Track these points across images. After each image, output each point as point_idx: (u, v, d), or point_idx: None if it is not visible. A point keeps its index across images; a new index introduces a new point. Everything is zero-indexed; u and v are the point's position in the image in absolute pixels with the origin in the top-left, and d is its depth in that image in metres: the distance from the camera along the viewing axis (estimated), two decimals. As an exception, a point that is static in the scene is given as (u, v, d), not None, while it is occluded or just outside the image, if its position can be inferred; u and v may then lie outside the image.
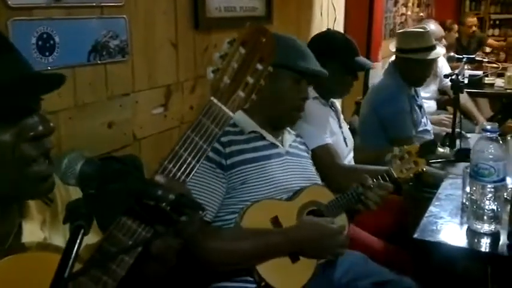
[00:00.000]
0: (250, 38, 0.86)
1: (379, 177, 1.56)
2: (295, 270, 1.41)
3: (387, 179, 1.56)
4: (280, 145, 1.55)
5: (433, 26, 3.60)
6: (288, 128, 1.63)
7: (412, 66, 2.64)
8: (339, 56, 2.05)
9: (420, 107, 2.81)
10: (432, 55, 2.63)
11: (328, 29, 2.40)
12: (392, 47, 2.82)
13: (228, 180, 1.40)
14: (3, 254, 0.75)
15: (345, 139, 2.19)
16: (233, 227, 1.39)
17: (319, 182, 1.64)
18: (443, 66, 3.83)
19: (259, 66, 0.87)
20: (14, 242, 0.81)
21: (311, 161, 1.70)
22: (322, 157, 1.86)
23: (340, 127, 2.20)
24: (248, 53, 0.86)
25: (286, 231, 1.41)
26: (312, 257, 1.43)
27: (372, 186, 1.50)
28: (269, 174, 1.46)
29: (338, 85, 2.09)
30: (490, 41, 5.96)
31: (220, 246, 1.35)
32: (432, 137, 2.89)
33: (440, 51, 2.73)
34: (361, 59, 2.14)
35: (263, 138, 1.51)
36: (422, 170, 1.60)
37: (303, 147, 1.69)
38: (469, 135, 2.67)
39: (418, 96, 2.86)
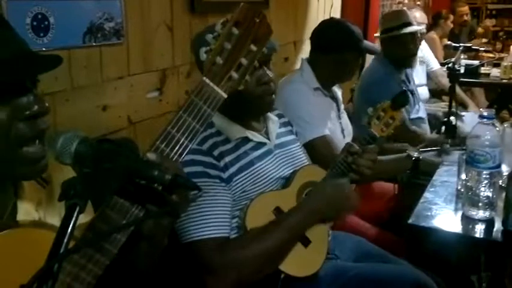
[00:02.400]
0: (243, 19, 0.85)
1: (364, 141, 1.57)
2: (309, 254, 1.40)
3: (371, 141, 1.57)
4: (268, 140, 1.50)
5: (417, 14, 3.61)
6: (270, 115, 1.57)
7: (392, 45, 2.70)
8: (357, 44, 2.07)
9: (412, 92, 2.82)
10: (406, 30, 2.68)
11: (331, 17, 2.41)
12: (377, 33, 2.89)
13: (230, 191, 1.37)
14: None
15: (342, 131, 2.18)
16: (250, 231, 1.34)
17: (308, 162, 1.64)
18: (424, 50, 3.87)
19: (253, 47, 0.86)
20: (8, 220, 0.81)
21: (298, 143, 1.68)
22: (321, 149, 1.86)
23: (339, 118, 2.19)
24: (241, 34, 0.84)
25: (302, 206, 1.40)
26: (335, 218, 1.46)
27: (359, 152, 1.51)
28: (265, 176, 1.44)
29: (354, 69, 2.15)
30: (481, 29, 5.95)
31: (251, 253, 1.29)
32: (427, 124, 2.91)
33: (415, 28, 2.76)
34: (369, 43, 2.23)
35: (250, 139, 1.46)
36: (400, 122, 1.63)
37: (287, 128, 1.65)
38: (463, 113, 2.67)
39: (409, 82, 2.87)
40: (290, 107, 1.87)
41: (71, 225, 0.63)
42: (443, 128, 2.47)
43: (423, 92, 3.73)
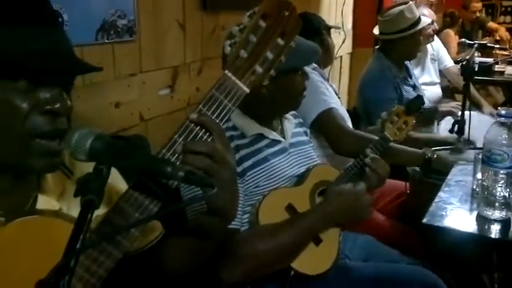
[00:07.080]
0: (271, 11, 0.81)
1: (378, 144, 1.59)
2: (321, 253, 1.40)
3: (385, 144, 1.61)
4: (283, 139, 1.51)
5: (425, 11, 3.55)
6: (286, 115, 1.58)
7: (406, 43, 2.68)
8: (327, 25, 2.36)
9: (414, 87, 2.79)
10: (422, 24, 2.68)
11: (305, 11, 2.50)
12: (376, 31, 2.78)
13: (243, 186, 1.37)
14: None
15: (341, 103, 2.30)
16: (262, 226, 1.34)
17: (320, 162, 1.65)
18: (440, 49, 3.80)
19: (281, 41, 0.82)
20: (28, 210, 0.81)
21: (311, 143, 1.69)
22: (329, 121, 1.90)
23: (336, 94, 2.30)
24: (269, 27, 0.81)
25: (317, 208, 1.40)
26: (349, 222, 1.47)
27: (374, 157, 1.51)
28: (279, 173, 1.44)
29: (332, 47, 2.38)
30: (491, 23, 5.85)
31: (264, 247, 1.29)
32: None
33: (427, 20, 2.76)
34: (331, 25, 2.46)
35: (265, 137, 1.46)
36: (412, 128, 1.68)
37: (302, 129, 1.66)
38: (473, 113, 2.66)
39: (410, 77, 2.84)
40: None
41: (86, 221, 0.63)
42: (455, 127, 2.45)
43: (436, 91, 3.67)
